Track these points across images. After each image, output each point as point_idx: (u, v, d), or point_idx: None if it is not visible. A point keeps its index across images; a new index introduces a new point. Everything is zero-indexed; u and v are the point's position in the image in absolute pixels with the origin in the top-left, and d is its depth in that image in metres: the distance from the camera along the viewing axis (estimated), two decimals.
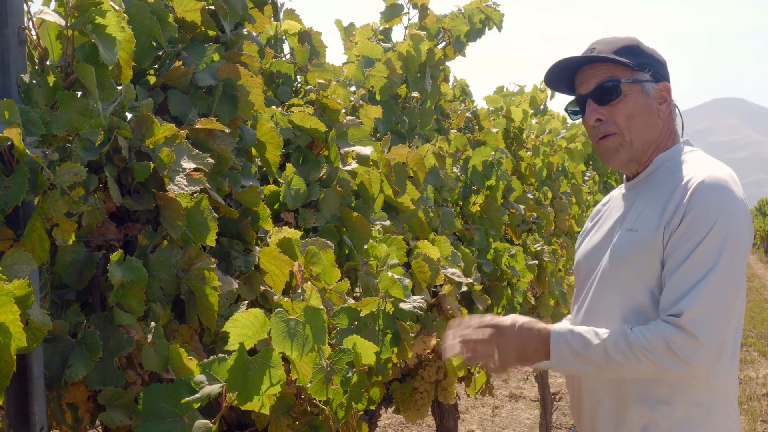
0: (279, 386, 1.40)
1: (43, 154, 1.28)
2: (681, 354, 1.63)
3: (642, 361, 1.66)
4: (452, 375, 2.67)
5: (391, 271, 2.18)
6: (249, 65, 1.95)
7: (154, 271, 1.53)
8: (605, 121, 1.87)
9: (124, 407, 1.42)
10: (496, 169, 3.61)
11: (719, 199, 1.70)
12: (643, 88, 1.86)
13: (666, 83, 1.89)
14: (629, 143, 1.86)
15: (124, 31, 1.46)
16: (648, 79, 1.86)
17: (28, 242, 1.31)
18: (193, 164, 1.60)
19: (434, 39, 4.00)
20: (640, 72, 1.86)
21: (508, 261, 3.54)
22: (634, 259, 1.78)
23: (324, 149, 2.35)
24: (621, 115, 1.85)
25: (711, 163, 1.81)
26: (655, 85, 1.87)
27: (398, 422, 6.53)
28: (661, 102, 1.87)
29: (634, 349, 1.66)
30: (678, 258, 1.70)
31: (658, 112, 1.87)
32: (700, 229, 1.68)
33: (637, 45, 1.90)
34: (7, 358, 1.13)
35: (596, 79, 1.87)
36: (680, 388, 1.74)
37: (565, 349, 1.73)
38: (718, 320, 1.65)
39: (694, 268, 1.67)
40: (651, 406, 1.76)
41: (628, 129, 1.86)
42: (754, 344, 10.27)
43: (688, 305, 1.64)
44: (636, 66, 1.85)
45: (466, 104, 5.15)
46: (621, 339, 1.68)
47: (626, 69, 1.86)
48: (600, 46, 1.89)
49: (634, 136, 1.86)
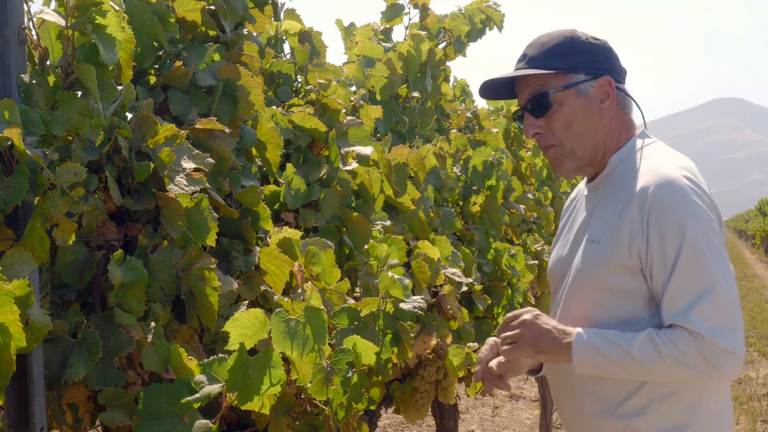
0: (279, 386, 1.40)
1: (43, 154, 1.28)
2: (715, 363, 1.58)
3: (672, 369, 1.61)
4: (452, 375, 2.67)
5: (391, 271, 2.18)
6: (249, 65, 1.95)
7: (154, 271, 1.53)
8: (544, 134, 1.77)
9: (124, 407, 1.43)
10: (496, 169, 3.61)
11: (678, 205, 1.63)
12: (579, 91, 1.74)
13: (606, 77, 1.75)
14: (571, 153, 1.77)
15: (124, 31, 1.46)
16: (583, 79, 1.74)
17: (28, 242, 1.31)
18: (194, 164, 1.60)
19: (435, 39, 4.00)
20: (574, 74, 1.74)
21: (508, 261, 3.54)
22: (598, 270, 1.72)
23: (324, 149, 2.35)
24: (557, 126, 1.75)
25: (662, 161, 1.71)
26: (593, 83, 1.74)
27: (398, 422, 6.53)
28: (603, 99, 1.75)
29: (665, 357, 1.60)
30: (662, 272, 1.63)
31: (599, 112, 1.75)
32: (670, 242, 1.62)
33: (571, 40, 1.77)
34: (7, 358, 1.13)
35: (528, 90, 1.77)
36: (656, 400, 1.70)
37: (590, 352, 1.66)
38: (736, 323, 1.61)
39: (684, 283, 1.61)
40: (627, 418, 1.71)
41: (568, 138, 1.75)
42: (754, 344, 10.27)
43: (700, 323, 1.58)
44: (568, 69, 1.73)
45: (467, 104, 5.15)
46: (649, 345, 1.62)
47: (557, 75, 1.74)
48: (531, 51, 1.78)
49: (574, 145, 1.76)
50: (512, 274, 3.55)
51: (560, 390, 1.86)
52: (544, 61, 1.74)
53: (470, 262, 3.09)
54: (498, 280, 3.47)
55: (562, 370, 1.82)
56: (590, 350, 1.65)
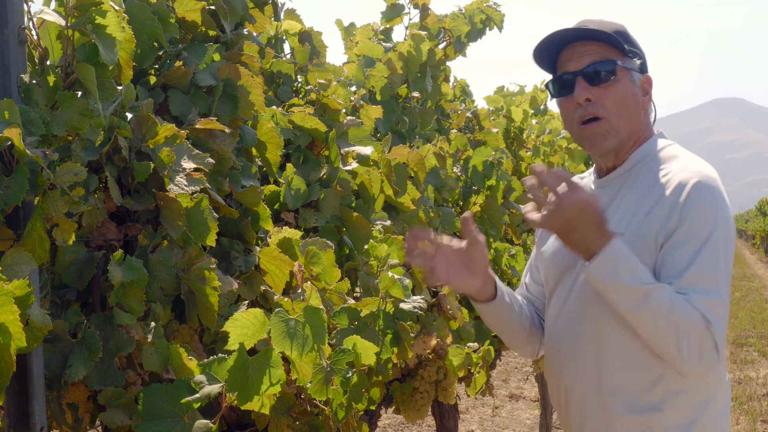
0: (279, 386, 1.40)
1: (43, 154, 1.28)
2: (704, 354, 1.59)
3: (665, 328, 1.57)
4: (452, 375, 2.67)
5: (391, 271, 2.18)
6: (249, 65, 1.95)
7: (154, 271, 1.53)
8: (593, 102, 1.73)
9: (124, 407, 1.42)
10: (496, 169, 3.61)
11: (715, 201, 1.66)
12: (632, 76, 1.77)
13: (649, 76, 1.82)
14: (616, 131, 1.75)
15: (124, 31, 1.46)
16: (636, 68, 1.78)
17: (28, 242, 1.31)
18: (194, 164, 1.60)
19: (435, 39, 4.00)
20: (632, 59, 1.77)
21: (508, 261, 3.54)
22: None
23: (324, 149, 2.35)
24: (611, 100, 1.73)
25: (696, 160, 1.75)
26: (641, 76, 1.79)
27: (398, 422, 6.53)
28: (644, 94, 1.80)
29: (672, 314, 1.56)
30: (682, 256, 1.62)
31: (642, 103, 1.79)
32: (702, 231, 1.62)
33: (627, 33, 1.82)
34: (7, 358, 1.13)
35: (589, 57, 1.75)
36: (672, 394, 1.69)
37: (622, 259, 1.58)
38: (725, 328, 1.64)
39: (705, 271, 1.61)
40: (643, 414, 1.70)
41: (617, 115, 1.74)
42: (754, 344, 10.27)
43: (710, 311, 1.58)
44: (628, 52, 1.77)
45: (467, 104, 5.15)
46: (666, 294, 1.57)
47: (618, 53, 1.76)
48: (591, 24, 1.78)
49: (621, 124, 1.75)
50: (512, 274, 3.55)
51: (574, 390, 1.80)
52: (610, 35, 1.74)
53: None
54: None
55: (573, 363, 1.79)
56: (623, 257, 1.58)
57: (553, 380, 1.89)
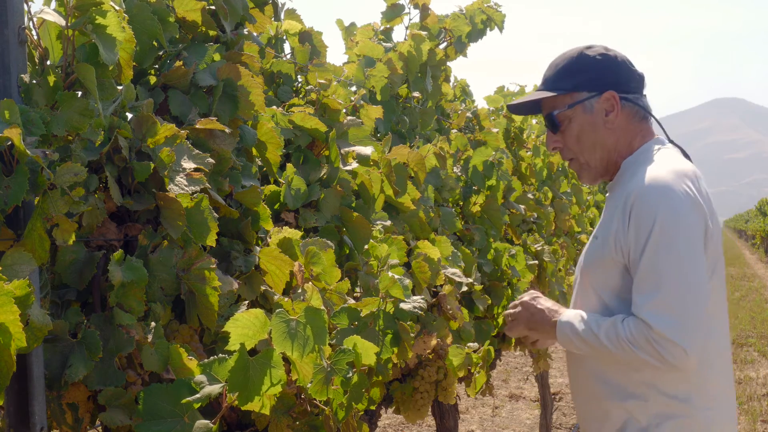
0: (279, 386, 1.40)
1: (44, 154, 1.28)
2: (663, 354, 1.69)
3: (628, 352, 1.74)
4: (452, 375, 2.67)
5: (391, 271, 2.18)
6: (249, 65, 1.95)
7: (155, 271, 1.53)
8: (562, 148, 1.97)
9: (125, 407, 1.42)
10: (496, 169, 3.61)
11: (655, 201, 1.72)
12: (584, 108, 1.90)
13: (611, 92, 1.88)
14: (586, 164, 1.95)
15: (124, 31, 1.46)
16: (587, 96, 1.89)
17: (28, 242, 1.31)
18: (194, 164, 1.60)
19: (435, 39, 3.99)
20: (578, 92, 1.90)
21: (508, 261, 3.54)
22: (596, 265, 1.87)
23: (324, 149, 2.35)
24: (570, 140, 1.94)
25: (659, 164, 1.81)
26: (597, 99, 1.89)
27: (398, 422, 6.53)
28: (608, 112, 1.89)
29: (621, 341, 1.74)
30: (634, 263, 1.75)
31: (605, 124, 1.90)
32: (641, 234, 1.73)
33: (578, 58, 1.92)
34: (7, 358, 1.13)
35: (545, 110, 1.97)
36: (654, 384, 1.80)
37: (568, 330, 1.86)
38: (689, 321, 1.68)
39: (647, 275, 1.72)
40: (628, 402, 1.83)
41: (581, 151, 1.94)
42: (754, 344, 10.26)
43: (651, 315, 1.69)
44: (571, 89, 1.90)
45: (467, 104, 5.15)
46: (612, 329, 1.77)
47: (564, 96, 1.91)
48: (548, 73, 1.97)
49: (587, 156, 1.94)
50: (512, 274, 3.55)
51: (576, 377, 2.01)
52: (555, 83, 1.94)
53: (470, 262, 3.09)
54: (498, 280, 3.47)
55: (576, 358, 1.98)
56: (568, 329, 1.86)
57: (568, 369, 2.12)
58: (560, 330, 1.88)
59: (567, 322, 1.88)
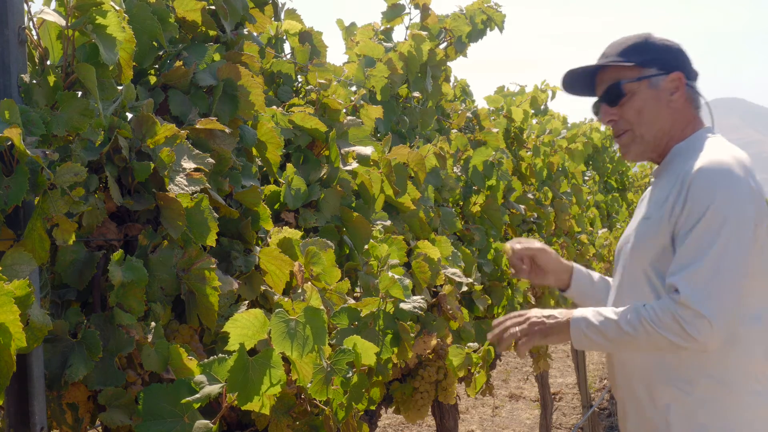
0: (279, 386, 1.40)
1: (44, 154, 1.28)
2: (687, 328, 1.70)
3: (651, 334, 1.74)
4: (452, 375, 2.67)
5: (391, 271, 2.18)
6: (249, 65, 1.95)
7: (155, 271, 1.53)
8: (617, 120, 1.98)
9: (125, 407, 1.42)
10: (496, 169, 3.61)
11: (716, 181, 1.76)
12: (651, 83, 1.94)
13: (677, 72, 1.94)
14: (641, 137, 1.96)
15: (124, 31, 1.46)
16: (655, 73, 1.93)
17: (28, 242, 1.31)
18: (194, 164, 1.60)
19: (436, 39, 3.99)
20: (646, 68, 1.94)
21: (508, 261, 3.53)
22: (647, 245, 1.88)
23: (324, 149, 2.35)
24: (630, 113, 1.95)
25: (719, 148, 1.86)
26: (665, 77, 1.94)
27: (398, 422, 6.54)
28: (673, 92, 1.94)
29: (644, 322, 1.75)
30: (682, 238, 1.77)
31: (668, 103, 1.94)
32: (696, 210, 1.75)
33: (646, 41, 1.97)
34: (7, 358, 1.13)
35: (605, 83, 1.99)
36: (700, 367, 1.81)
37: (583, 326, 1.85)
38: (721, 295, 1.70)
39: (690, 248, 1.74)
40: (673, 386, 1.83)
41: (639, 124, 1.95)
42: None
43: (684, 283, 1.71)
44: (640, 63, 1.94)
45: (467, 104, 5.14)
46: (633, 313, 1.78)
47: (631, 69, 1.94)
48: (609, 50, 2.00)
49: (644, 130, 1.95)
50: (512, 274, 3.54)
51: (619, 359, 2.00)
52: (621, 56, 1.97)
53: (470, 262, 3.09)
54: (498, 280, 3.47)
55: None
56: (583, 324, 1.85)
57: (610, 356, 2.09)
58: (575, 326, 1.87)
59: (581, 317, 1.86)
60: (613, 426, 6.83)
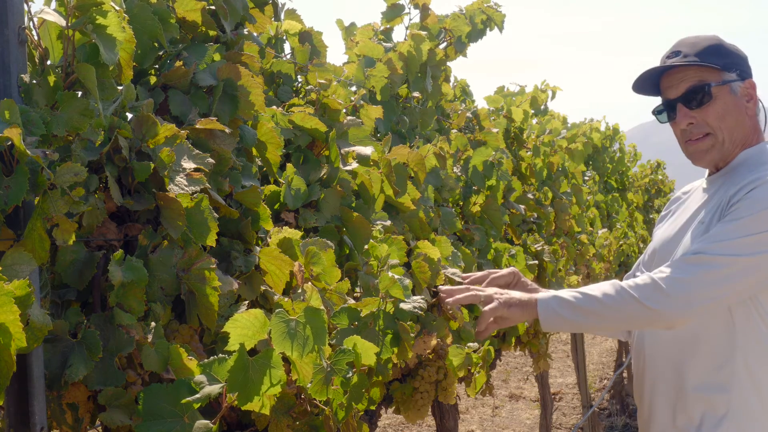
0: (279, 386, 1.40)
1: (44, 154, 1.28)
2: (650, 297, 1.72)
3: (628, 303, 1.74)
4: (452, 375, 2.67)
5: (391, 271, 2.18)
6: (249, 65, 1.95)
7: (155, 271, 1.53)
8: (696, 124, 1.92)
9: (125, 407, 1.42)
10: (496, 170, 3.61)
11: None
12: (731, 88, 1.90)
13: (751, 80, 1.93)
14: (721, 143, 1.91)
15: (124, 31, 1.46)
16: (735, 79, 1.90)
17: (28, 242, 1.31)
18: (194, 164, 1.60)
19: (435, 39, 3.99)
20: (727, 72, 1.90)
21: (508, 261, 3.53)
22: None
23: (324, 149, 2.35)
24: (712, 117, 1.90)
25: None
26: (742, 84, 1.91)
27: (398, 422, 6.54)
28: (748, 99, 1.92)
29: (624, 291, 1.75)
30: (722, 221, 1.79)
31: (745, 110, 1.92)
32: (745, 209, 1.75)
33: (721, 44, 1.94)
34: (7, 358, 1.13)
35: (685, 84, 1.91)
36: (740, 375, 1.80)
37: (555, 304, 1.80)
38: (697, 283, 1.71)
39: (718, 233, 1.75)
40: (710, 393, 1.82)
41: (721, 129, 1.90)
42: None
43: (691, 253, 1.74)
44: (723, 67, 1.90)
45: (467, 104, 5.15)
46: (614, 285, 1.78)
47: (714, 71, 1.90)
48: (685, 49, 1.92)
49: (726, 136, 1.91)
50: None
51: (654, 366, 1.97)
52: (702, 57, 1.90)
53: (470, 262, 3.09)
54: None
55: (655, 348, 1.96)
56: (554, 302, 1.81)
57: (633, 352, 2.08)
58: (543, 304, 1.81)
59: (550, 296, 1.83)
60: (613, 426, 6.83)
